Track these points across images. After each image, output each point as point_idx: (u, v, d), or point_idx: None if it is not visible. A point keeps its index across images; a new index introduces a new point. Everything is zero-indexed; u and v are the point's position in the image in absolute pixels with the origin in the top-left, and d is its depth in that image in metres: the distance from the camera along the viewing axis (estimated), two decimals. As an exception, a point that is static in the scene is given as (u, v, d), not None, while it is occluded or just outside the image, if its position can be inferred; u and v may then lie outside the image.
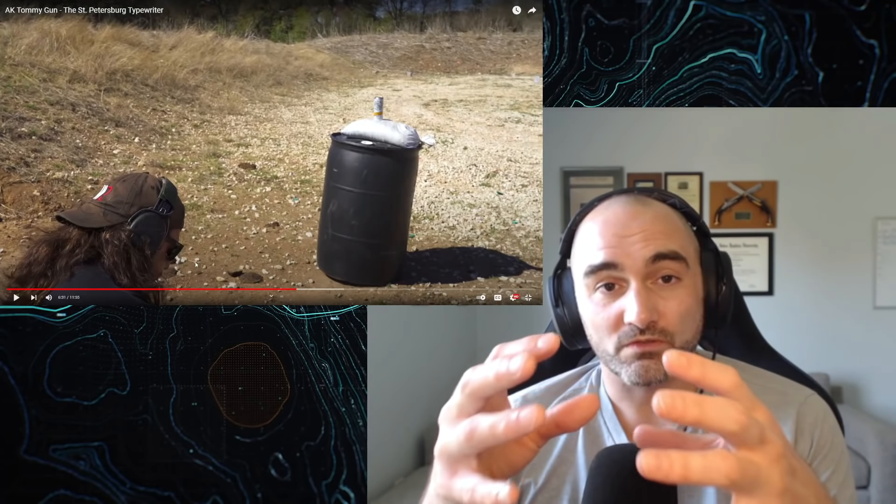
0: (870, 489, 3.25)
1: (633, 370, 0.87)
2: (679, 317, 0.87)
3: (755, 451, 0.45)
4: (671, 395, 0.44)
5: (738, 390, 0.47)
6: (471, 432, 0.51)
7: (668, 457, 0.43)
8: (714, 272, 0.93)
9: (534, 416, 0.47)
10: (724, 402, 0.45)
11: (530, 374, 0.49)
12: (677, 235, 0.90)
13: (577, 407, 0.52)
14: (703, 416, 0.44)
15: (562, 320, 0.97)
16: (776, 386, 0.97)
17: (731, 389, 0.47)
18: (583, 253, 0.92)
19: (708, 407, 0.44)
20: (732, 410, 0.45)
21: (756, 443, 0.45)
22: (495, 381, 0.50)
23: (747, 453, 0.45)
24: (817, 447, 0.92)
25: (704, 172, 3.98)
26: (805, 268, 3.94)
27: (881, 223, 3.87)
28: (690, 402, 0.44)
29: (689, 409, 0.44)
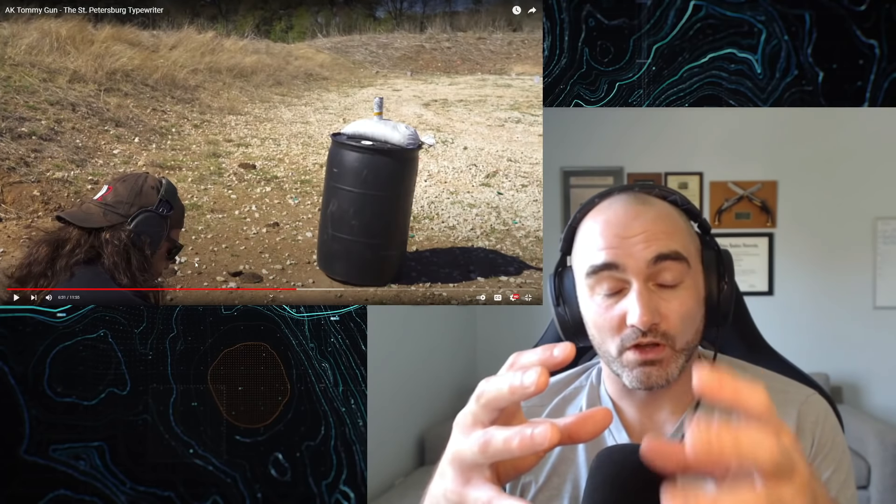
0: (870, 489, 3.25)
1: (635, 376, 0.87)
2: (681, 319, 0.87)
3: (784, 483, 0.43)
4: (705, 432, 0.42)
5: (769, 414, 0.45)
6: (485, 444, 0.50)
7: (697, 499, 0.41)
8: (716, 271, 0.93)
9: (548, 434, 0.47)
10: (758, 437, 0.43)
11: (544, 388, 0.49)
12: (679, 235, 0.90)
13: (591, 419, 0.52)
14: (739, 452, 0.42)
15: (563, 319, 0.97)
16: (778, 385, 0.97)
17: (763, 413, 0.45)
18: (584, 252, 0.92)
19: (744, 443, 0.42)
20: (767, 444, 0.43)
21: (788, 473, 0.43)
22: (509, 395, 0.50)
23: (777, 485, 0.43)
24: (818, 446, 0.92)
25: (704, 172, 3.98)
26: (805, 268, 3.94)
27: (881, 223, 3.87)
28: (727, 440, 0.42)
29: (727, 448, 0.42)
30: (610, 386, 0.99)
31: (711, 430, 0.42)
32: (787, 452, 0.44)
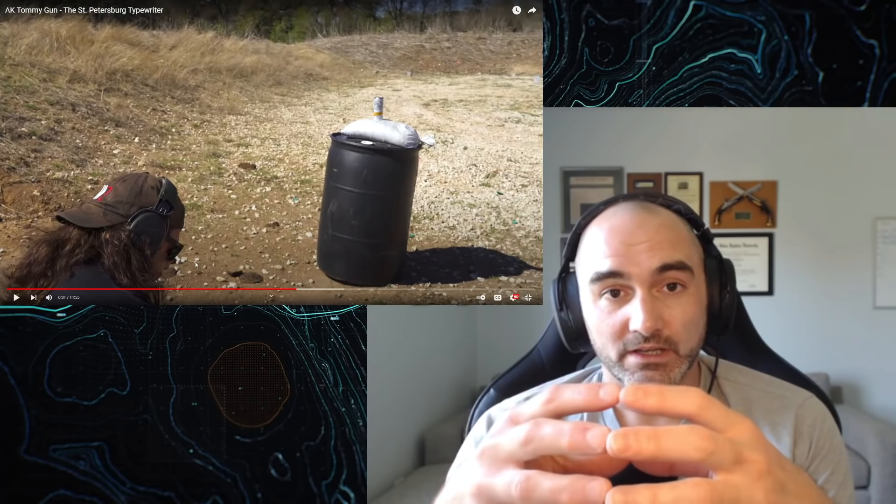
0: (870, 489, 3.25)
1: (637, 380, 0.87)
2: (684, 325, 0.88)
3: (732, 472, 0.42)
4: (623, 433, 0.42)
5: (706, 412, 0.44)
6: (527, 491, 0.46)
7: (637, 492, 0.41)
8: (718, 279, 0.94)
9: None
10: (683, 431, 0.42)
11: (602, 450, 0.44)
12: (683, 244, 0.91)
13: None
14: (660, 449, 0.41)
15: (565, 324, 0.98)
16: (775, 390, 0.98)
17: (698, 413, 0.44)
18: (589, 259, 0.93)
19: (664, 439, 0.42)
20: (694, 438, 0.42)
21: (731, 464, 0.42)
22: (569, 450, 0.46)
23: (726, 476, 0.42)
24: (816, 448, 0.92)
25: (704, 172, 3.98)
26: (805, 268, 3.94)
27: (881, 223, 3.87)
28: (644, 438, 0.42)
29: (644, 445, 0.41)
30: (611, 391, 0.99)
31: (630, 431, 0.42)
32: (728, 444, 0.43)
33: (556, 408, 0.49)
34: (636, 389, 0.44)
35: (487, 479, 0.48)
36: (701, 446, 0.42)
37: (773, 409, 0.94)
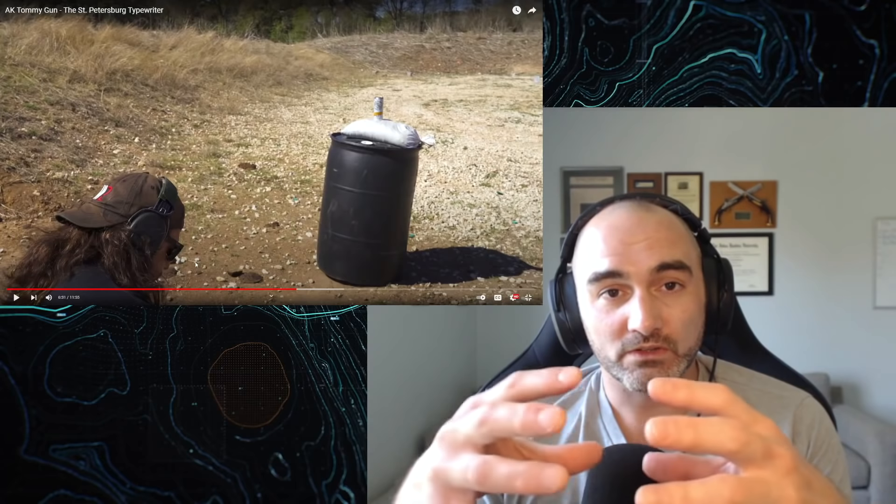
0: (870, 489, 3.25)
1: (636, 377, 0.87)
2: (682, 324, 0.87)
3: (762, 467, 0.43)
4: (663, 421, 0.42)
5: (733, 406, 0.45)
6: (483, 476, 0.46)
7: (668, 491, 0.41)
8: (716, 279, 0.94)
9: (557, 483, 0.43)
10: (719, 422, 0.43)
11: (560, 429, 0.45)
12: (681, 243, 0.91)
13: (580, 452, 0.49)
14: (699, 438, 0.42)
15: (563, 325, 0.98)
16: (773, 390, 0.98)
17: (725, 407, 0.45)
18: (586, 259, 0.92)
19: (703, 428, 0.42)
20: (729, 429, 0.43)
21: (761, 458, 0.43)
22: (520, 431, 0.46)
23: (755, 471, 0.43)
24: (814, 448, 0.93)
25: (704, 172, 3.98)
26: (805, 268, 3.94)
27: (881, 223, 3.87)
28: (684, 426, 0.42)
29: (684, 434, 0.42)
30: (610, 391, 0.99)
31: (670, 420, 0.42)
32: (759, 438, 0.43)
33: (518, 392, 0.49)
34: (665, 382, 0.44)
35: (445, 462, 0.48)
36: (737, 437, 0.43)
37: (771, 409, 0.94)
